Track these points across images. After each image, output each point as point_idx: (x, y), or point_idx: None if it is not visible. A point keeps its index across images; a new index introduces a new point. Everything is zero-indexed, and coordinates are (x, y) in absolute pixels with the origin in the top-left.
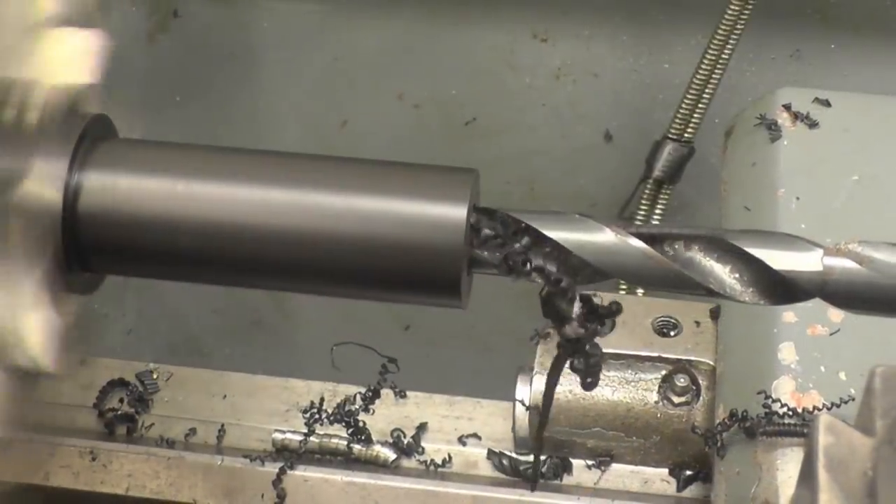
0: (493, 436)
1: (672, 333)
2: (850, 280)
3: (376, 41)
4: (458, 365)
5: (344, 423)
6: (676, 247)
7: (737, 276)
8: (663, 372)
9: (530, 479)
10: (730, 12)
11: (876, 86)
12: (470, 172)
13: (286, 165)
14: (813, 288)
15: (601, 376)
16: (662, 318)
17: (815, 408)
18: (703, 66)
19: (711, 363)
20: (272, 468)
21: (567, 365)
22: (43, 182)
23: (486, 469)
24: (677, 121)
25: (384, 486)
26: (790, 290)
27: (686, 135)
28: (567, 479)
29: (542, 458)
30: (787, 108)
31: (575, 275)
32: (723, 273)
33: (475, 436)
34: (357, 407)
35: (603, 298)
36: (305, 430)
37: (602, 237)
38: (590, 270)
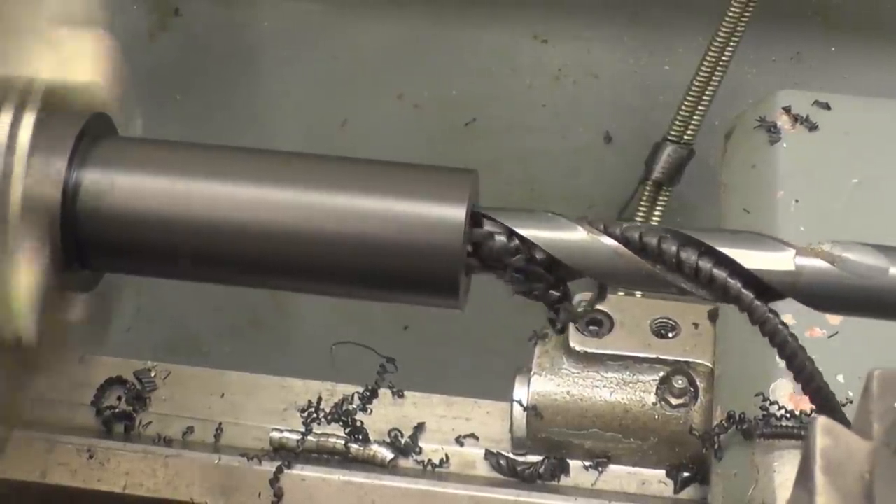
0: (490, 436)
1: (670, 335)
2: (822, 280)
3: (376, 41)
4: (457, 365)
5: (341, 423)
6: (648, 245)
7: None
8: (661, 373)
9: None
10: (730, 14)
11: (876, 89)
12: (469, 173)
13: (285, 164)
14: (784, 287)
15: (599, 377)
16: (661, 320)
17: (812, 410)
18: (704, 68)
19: (709, 365)
20: (269, 467)
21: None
22: (42, 180)
23: (483, 469)
24: (677, 123)
25: (381, 485)
26: (761, 289)
27: (686, 137)
28: (564, 480)
29: (540, 458)
30: (787, 110)
31: (549, 274)
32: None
33: (473, 436)
34: (355, 406)
35: None
36: (303, 430)
37: (573, 235)
38: (562, 269)
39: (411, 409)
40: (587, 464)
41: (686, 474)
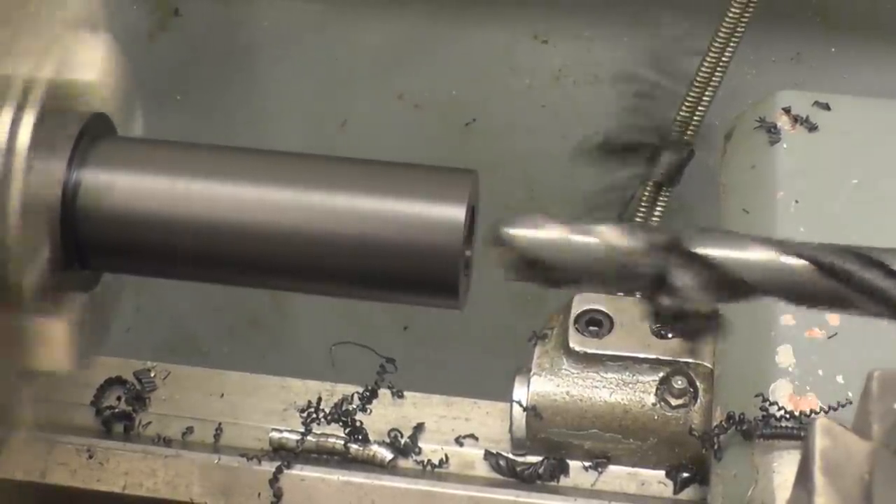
0: (490, 436)
1: (670, 335)
2: None
3: (377, 41)
4: (456, 365)
5: (341, 423)
6: (833, 265)
7: None
8: (661, 374)
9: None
10: (731, 15)
11: (876, 89)
12: (469, 173)
13: (285, 165)
14: None
15: (599, 377)
16: None
17: (812, 411)
18: (704, 69)
19: (709, 365)
20: (269, 467)
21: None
22: (42, 179)
23: (482, 470)
24: (677, 123)
25: (381, 485)
26: None
27: (686, 137)
28: (564, 481)
29: (539, 459)
30: (787, 111)
31: (726, 292)
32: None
33: (472, 436)
34: (354, 407)
35: None
36: (303, 430)
37: (757, 255)
38: (744, 287)
39: (411, 409)
40: (587, 464)
41: (686, 475)
